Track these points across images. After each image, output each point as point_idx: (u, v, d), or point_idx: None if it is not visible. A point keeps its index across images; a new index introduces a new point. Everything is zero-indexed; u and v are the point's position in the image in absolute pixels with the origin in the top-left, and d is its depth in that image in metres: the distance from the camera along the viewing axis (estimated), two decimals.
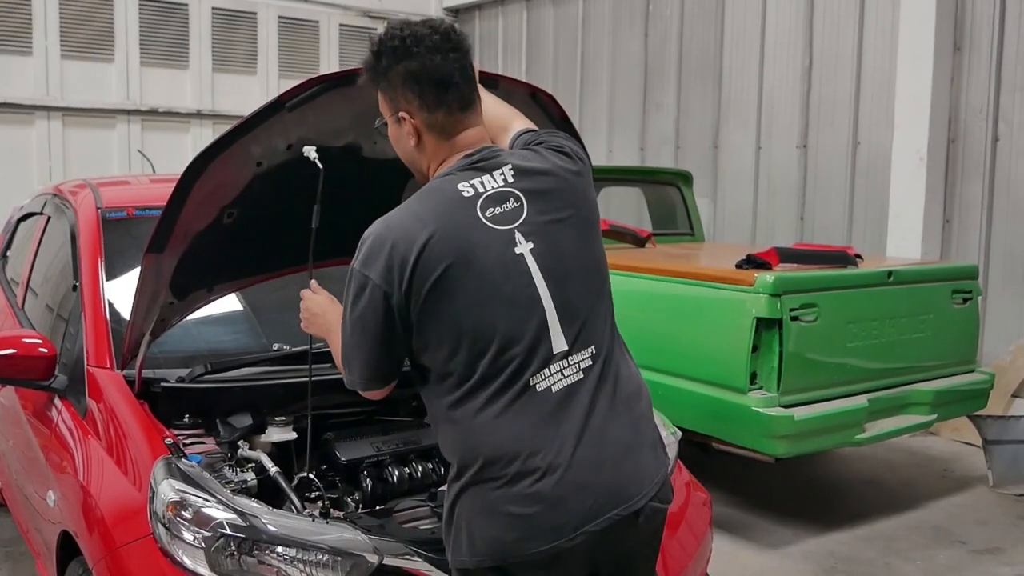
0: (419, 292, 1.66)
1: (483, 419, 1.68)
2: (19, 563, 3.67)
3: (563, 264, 1.73)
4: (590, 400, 1.71)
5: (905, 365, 4.38)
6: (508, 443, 1.67)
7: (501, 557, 1.68)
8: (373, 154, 2.44)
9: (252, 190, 2.30)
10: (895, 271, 4.35)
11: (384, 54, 1.75)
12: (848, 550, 4.07)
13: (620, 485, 1.71)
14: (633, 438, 1.76)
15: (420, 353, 1.72)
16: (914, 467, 5.29)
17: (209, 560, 1.98)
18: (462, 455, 1.71)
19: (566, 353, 1.71)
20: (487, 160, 1.76)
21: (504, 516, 1.67)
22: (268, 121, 2.15)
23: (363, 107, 2.29)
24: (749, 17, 7.24)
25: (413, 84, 1.73)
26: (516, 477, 1.66)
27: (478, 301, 1.67)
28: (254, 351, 2.83)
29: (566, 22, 8.94)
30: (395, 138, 1.83)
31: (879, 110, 6.39)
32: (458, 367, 1.68)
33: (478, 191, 1.71)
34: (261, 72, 8.97)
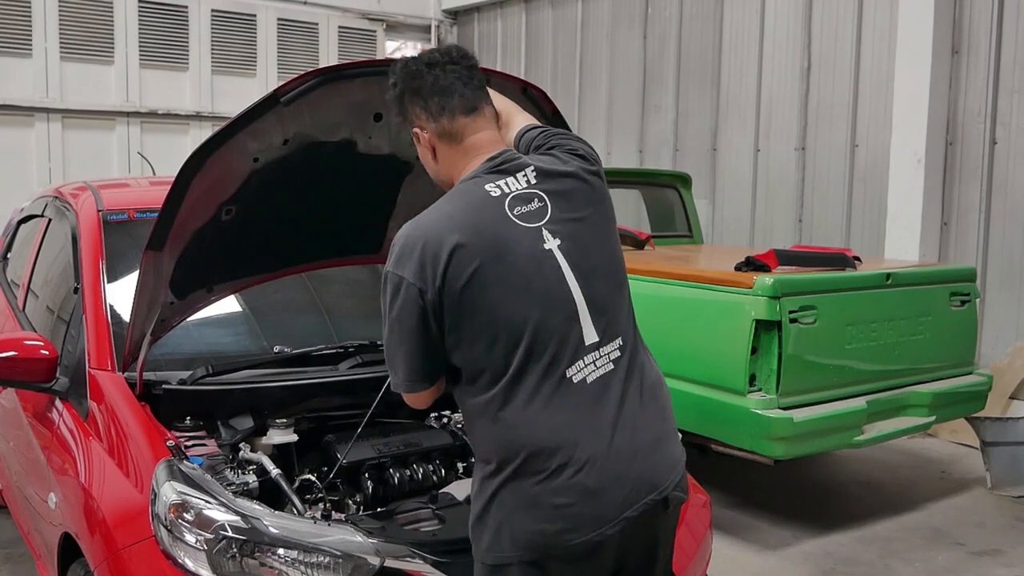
0: (453, 288, 1.70)
1: (523, 413, 1.72)
2: (20, 565, 3.67)
3: (588, 260, 1.80)
4: (621, 390, 1.78)
5: (903, 367, 4.39)
6: (549, 436, 1.71)
7: (544, 550, 1.71)
8: (368, 149, 2.45)
9: (250, 186, 2.31)
10: (893, 273, 4.37)
11: (396, 84, 1.90)
12: (847, 551, 4.08)
13: (652, 472, 1.78)
14: (660, 427, 1.83)
15: (452, 351, 1.75)
16: (912, 469, 5.30)
17: (211, 562, 1.99)
18: (501, 451, 1.73)
19: (597, 344, 1.77)
20: (510, 163, 1.82)
21: (548, 509, 1.70)
22: (264, 116, 2.15)
23: (358, 102, 2.30)
24: (748, 19, 7.25)
25: (418, 99, 1.85)
26: (559, 469, 1.70)
27: (512, 294, 1.72)
28: (255, 353, 2.84)
29: (565, 24, 8.95)
30: (423, 160, 1.95)
31: (877, 112, 6.40)
32: (493, 362, 1.72)
33: (504, 191, 1.78)
34: (260, 74, 8.97)
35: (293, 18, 9.14)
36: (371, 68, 2.31)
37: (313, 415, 2.58)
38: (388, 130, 2.42)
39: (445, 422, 2.69)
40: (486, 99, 1.90)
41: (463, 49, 1.92)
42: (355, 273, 3.38)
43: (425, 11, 10.05)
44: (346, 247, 2.76)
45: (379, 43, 9.72)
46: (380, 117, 2.37)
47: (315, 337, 2.94)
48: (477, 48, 9.91)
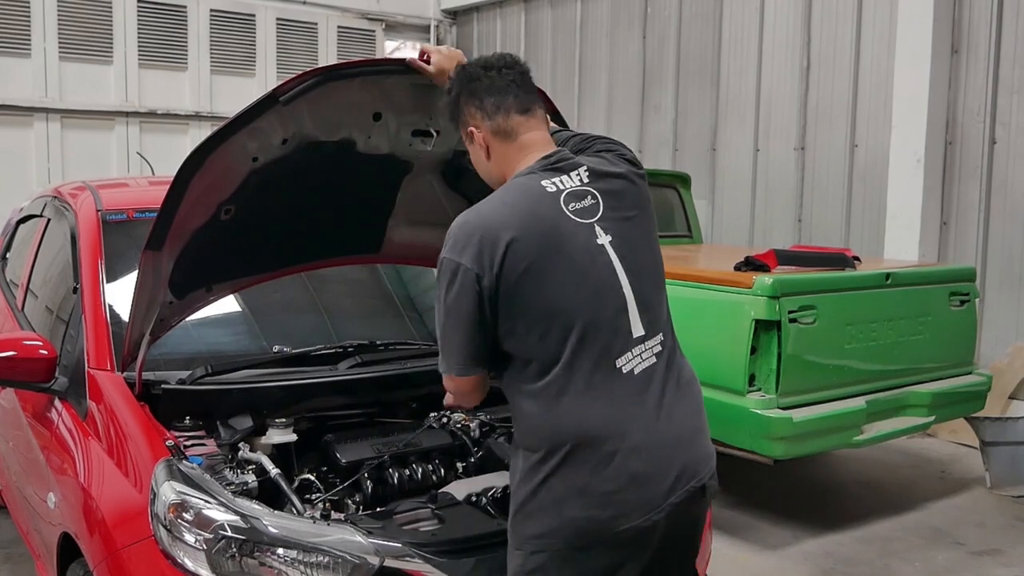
0: (510, 276, 1.76)
1: (575, 401, 1.77)
2: (19, 565, 3.67)
3: (636, 258, 1.89)
4: (662, 383, 1.86)
5: (903, 367, 4.39)
6: (601, 424, 1.78)
7: (593, 536, 1.77)
8: (368, 149, 2.45)
9: (249, 186, 2.30)
10: (893, 273, 4.37)
11: (452, 88, 2.00)
12: (847, 551, 4.08)
13: (693, 461, 1.87)
14: (697, 420, 1.94)
15: (506, 338, 1.80)
16: (912, 469, 5.30)
17: (210, 562, 1.99)
18: (553, 438, 1.78)
19: (643, 338, 1.85)
20: (564, 161, 1.91)
21: (599, 495, 1.76)
22: (263, 115, 2.15)
23: (357, 101, 2.30)
24: (747, 19, 7.25)
25: (474, 100, 1.95)
26: (609, 456, 1.76)
27: (568, 285, 1.79)
28: (254, 353, 2.84)
29: (564, 24, 8.95)
30: (475, 161, 2.02)
31: (877, 112, 6.40)
32: (547, 350, 1.78)
33: (559, 188, 1.86)
34: (259, 74, 8.96)
35: (292, 18, 9.13)
36: (370, 68, 2.31)
37: (312, 415, 2.58)
38: (387, 129, 2.42)
39: (444, 422, 2.68)
40: (539, 103, 2.00)
41: (516, 56, 2.02)
42: (354, 273, 3.38)
43: (424, 11, 10.05)
44: (345, 246, 2.76)
45: (378, 43, 9.72)
46: (379, 116, 2.37)
47: (314, 337, 2.93)
48: (476, 48, 9.91)
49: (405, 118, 2.42)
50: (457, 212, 2.78)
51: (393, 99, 2.35)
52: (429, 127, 2.48)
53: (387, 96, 2.34)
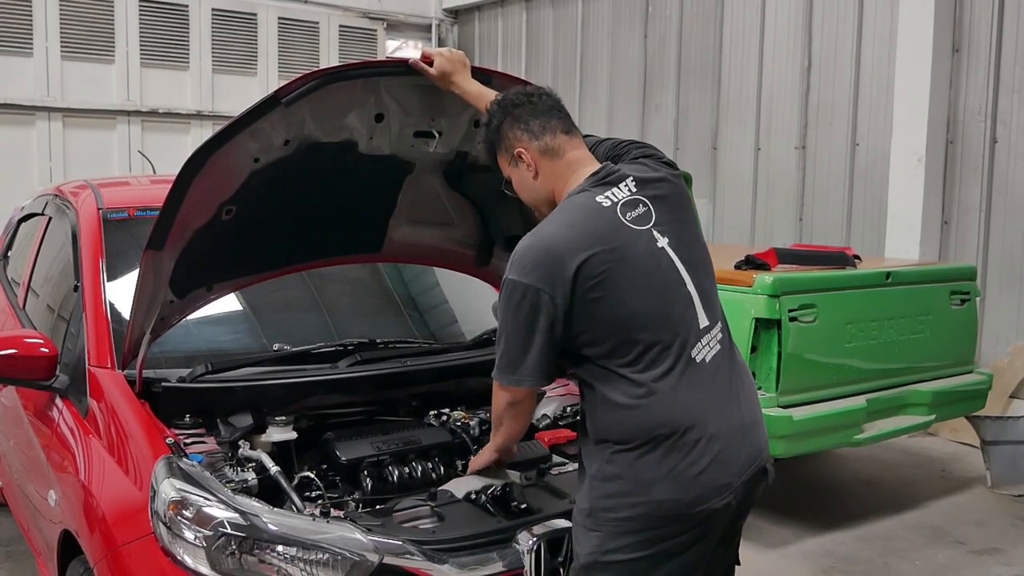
0: (584, 293, 1.88)
1: (662, 394, 1.90)
2: (20, 562, 3.68)
3: (691, 255, 2.02)
4: (728, 369, 2.01)
5: (903, 366, 4.39)
6: (686, 412, 1.91)
7: (675, 518, 1.89)
8: (369, 150, 2.45)
9: (250, 186, 2.31)
10: (893, 272, 4.37)
11: (493, 116, 2.09)
12: (847, 550, 4.08)
13: (757, 443, 2.01)
14: (756, 405, 2.08)
15: (587, 346, 1.92)
16: (913, 467, 5.30)
17: (210, 559, 1.99)
18: (641, 430, 1.89)
19: (708, 328, 1.99)
20: (612, 175, 2.01)
21: (686, 479, 1.88)
22: (265, 117, 2.15)
23: (360, 103, 2.31)
24: (748, 18, 7.25)
25: (520, 123, 2.06)
26: (694, 442, 1.89)
27: (640, 289, 1.92)
28: (254, 351, 2.84)
29: (565, 23, 8.96)
30: (520, 184, 2.10)
31: (878, 111, 6.40)
32: (629, 352, 1.90)
33: (613, 200, 1.97)
34: (261, 73, 8.97)
35: (294, 17, 9.13)
36: (373, 69, 2.32)
37: (312, 413, 2.58)
38: (389, 131, 2.43)
39: (444, 419, 2.69)
40: (575, 126, 2.11)
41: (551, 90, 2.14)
42: (355, 271, 3.38)
43: (426, 10, 10.05)
44: (346, 245, 2.76)
45: (380, 42, 9.72)
46: (381, 118, 2.37)
47: (315, 335, 2.94)
48: (478, 47, 9.92)
49: (407, 119, 2.43)
50: (458, 212, 2.83)
51: (396, 100, 2.36)
52: (431, 128, 2.49)
53: (390, 97, 2.34)
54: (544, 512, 2.24)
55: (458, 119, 2.50)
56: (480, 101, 2.26)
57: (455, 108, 2.43)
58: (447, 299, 3.51)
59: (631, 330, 1.90)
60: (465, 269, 3.01)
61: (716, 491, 1.91)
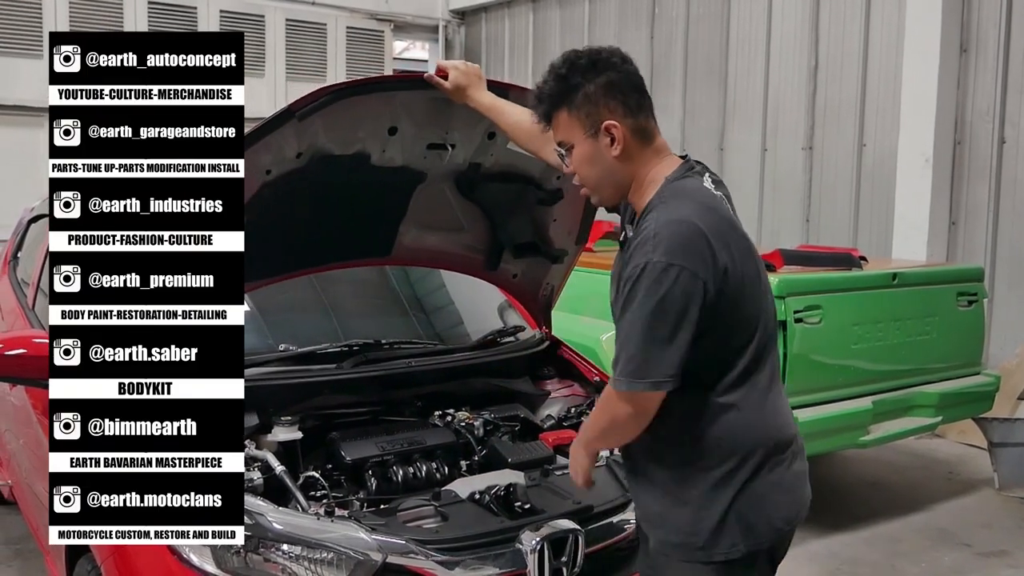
0: (728, 282, 1.68)
1: (767, 404, 1.78)
2: (29, 560, 3.70)
3: None
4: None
5: (910, 367, 4.38)
6: (785, 424, 1.82)
7: (774, 536, 1.80)
8: (382, 162, 2.47)
9: (261, 197, 2.33)
10: (900, 273, 4.36)
11: (574, 74, 1.77)
12: (852, 552, 4.08)
13: None
14: None
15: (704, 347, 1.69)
16: (919, 470, 5.28)
17: (215, 557, 2.01)
18: (748, 444, 1.75)
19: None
20: (698, 165, 1.86)
21: (790, 493, 1.81)
22: (278, 130, 2.17)
23: (373, 116, 2.32)
24: (755, 19, 7.24)
25: (616, 93, 1.76)
26: (791, 457, 1.81)
27: (757, 288, 1.77)
28: (260, 351, 2.85)
29: (572, 24, 8.96)
30: (589, 158, 1.80)
31: (885, 112, 6.38)
32: (743, 355, 1.75)
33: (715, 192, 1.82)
34: (268, 74, 9.00)
35: (301, 19, 9.16)
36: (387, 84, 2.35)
37: (318, 413, 2.60)
38: (402, 143, 2.45)
39: (448, 420, 2.70)
40: None
41: None
42: (361, 273, 3.39)
43: (433, 11, 10.06)
44: (356, 250, 2.78)
45: (387, 43, 9.74)
46: (395, 131, 2.39)
47: (320, 336, 2.95)
48: (484, 48, 9.93)
49: (421, 132, 2.44)
50: (470, 218, 2.84)
51: (409, 113, 2.38)
52: (445, 141, 2.50)
53: (403, 111, 2.36)
54: (548, 513, 2.25)
55: (472, 131, 2.51)
56: (494, 113, 2.24)
57: (469, 120, 2.44)
58: (453, 301, 3.52)
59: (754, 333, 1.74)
60: (473, 272, 3.02)
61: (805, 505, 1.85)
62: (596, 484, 2.42)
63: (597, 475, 2.50)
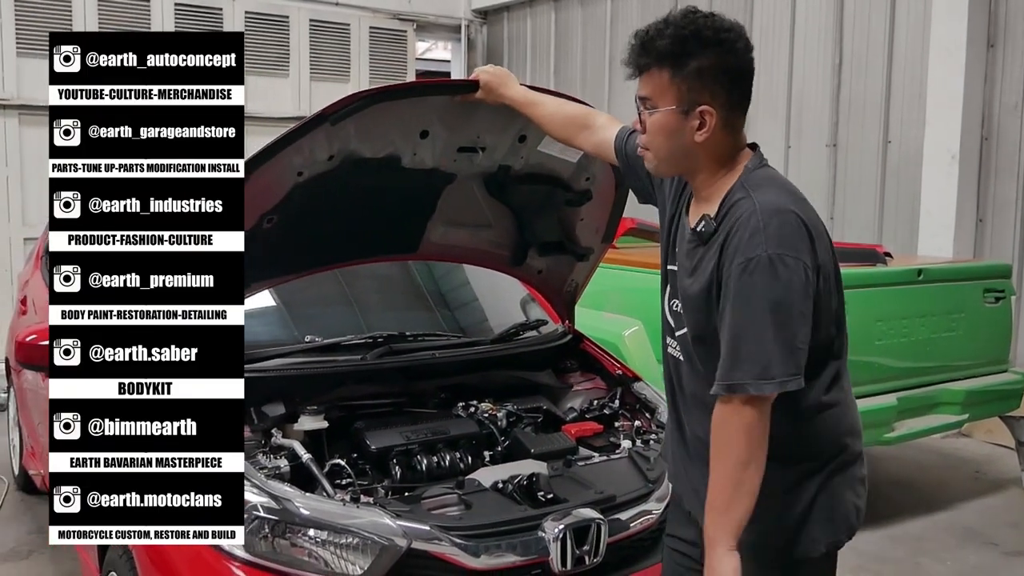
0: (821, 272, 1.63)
1: (850, 397, 1.77)
2: (60, 548, 3.77)
3: None
4: None
5: (936, 364, 4.34)
6: (859, 416, 1.81)
7: (850, 530, 1.78)
8: (412, 164, 2.50)
9: (292, 198, 2.38)
10: (925, 269, 4.33)
11: (696, 41, 1.64)
12: (876, 549, 4.05)
13: None
14: None
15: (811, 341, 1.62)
16: (945, 468, 5.23)
17: (244, 542, 2.04)
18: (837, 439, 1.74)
19: None
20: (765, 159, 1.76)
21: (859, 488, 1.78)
22: (311, 133, 2.21)
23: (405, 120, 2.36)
24: (778, 15, 7.21)
25: (725, 80, 1.65)
26: (862, 448, 1.80)
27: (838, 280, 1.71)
28: (286, 343, 2.89)
29: (594, 22, 8.96)
30: (669, 128, 1.68)
31: (910, 108, 6.33)
32: (834, 350, 1.72)
33: None
34: (293, 75, 9.07)
35: (325, 19, 9.23)
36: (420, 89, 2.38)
37: (343, 403, 2.63)
38: (433, 146, 2.48)
39: (472, 411, 2.72)
40: None
41: None
42: (385, 268, 3.42)
43: (455, 11, 10.10)
44: (383, 247, 2.81)
45: (409, 43, 9.79)
46: (426, 134, 2.42)
47: (345, 329, 2.98)
48: (506, 48, 9.95)
49: (452, 135, 2.48)
50: (497, 216, 2.86)
51: (441, 117, 2.41)
52: (475, 144, 2.54)
53: (435, 114, 2.39)
54: (571, 502, 2.27)
55: (503, 134, 2.54)
56: (529, 107, 2.22)
57: (500, 123, 2.47)
58: (476, 296, 3.54)
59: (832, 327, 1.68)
60: (498, 267, 3.05)
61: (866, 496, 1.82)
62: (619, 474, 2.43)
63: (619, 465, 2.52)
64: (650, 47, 1.66)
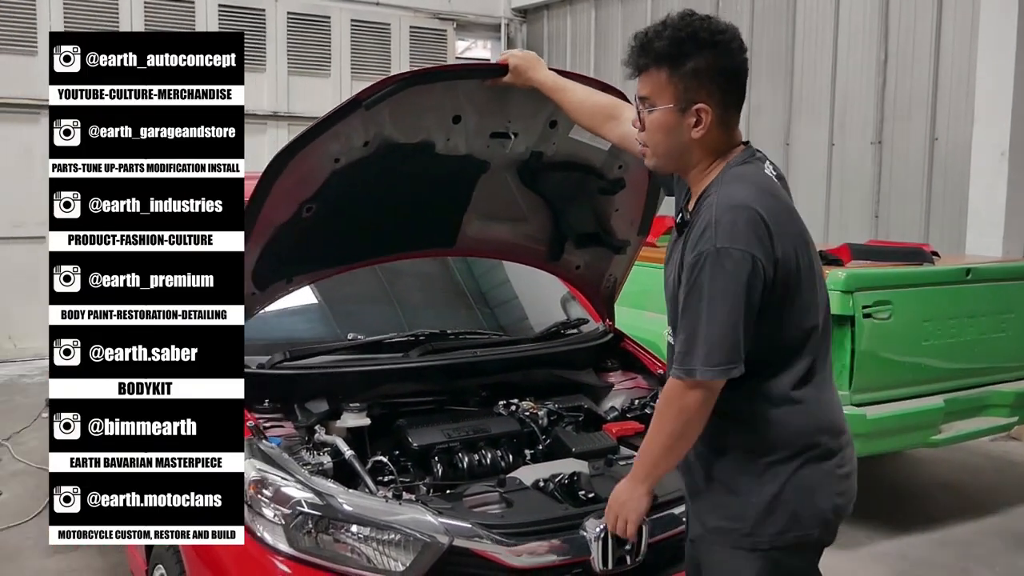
0: (784, 265, 1.69)
1: (822, 395, 1.79)
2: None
3: None
4: None
5: (984, 365, 4.25)
6: (839, 415, 1.83)
7: (833, 523, 1.82)
8: (446, 150, 2.51)
9: (330, 185, 2.39)
10: (974, 269, 4.23)
11: (692, 42, 1.72)
12: (922, 553, 3.97)
13: None
14: None
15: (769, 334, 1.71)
16: (994, 472, 5.11)
17: (288, 537, 2.08)
18: (805, 434, 1.76)
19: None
20: (758, 154, 1.85)
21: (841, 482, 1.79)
22: (346, 119, 2.23)
23: (438, 105, 2.37)
24: (822, 10, 7.10)
25: (720, 79, 1.73)
26: (841, 447, 1.80)
27: (815, 276, 1.78)
28: (329, 340, 2.93)
29: (634, 20, 8.90)
30: (666, 125, 1.77)
31: (958, 104, 6.19)
32: (809, 344, 1.75)
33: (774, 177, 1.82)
34: (335, 74, 9.16)
35: (366, 19, 9.31)
36: (451, 73, 2.39)
37: (385, 401, 2.65)
38: (466, 132, 2.49)
39: (513, 410, 2.73)
40: None
41: None
42: (425, 266, 3.45)
43: (495, 10, 10.12)
44: (421, 240, 2.83)
45: (449, 42, 9.83)
46: (459, 119, 2.43)
47: (386, 327, 3.01)
48: (547, 46, 9.94)
49: (484, 121, 2.48)
50: (532, 209, 2.87)
51: (473, 102, 2.42)
52: (507, 130, 2.54)
53: (467, 100, 2.40)
54: None
55: (534, 120, 2.54)
56: (557, 93, 2.25)
57: (531, 109, 2.47)
58: (517, 295, 3.55)
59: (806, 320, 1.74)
60: (535, 263, 3.05)
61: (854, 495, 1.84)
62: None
63: None
64: (649, 48, 1.75)
